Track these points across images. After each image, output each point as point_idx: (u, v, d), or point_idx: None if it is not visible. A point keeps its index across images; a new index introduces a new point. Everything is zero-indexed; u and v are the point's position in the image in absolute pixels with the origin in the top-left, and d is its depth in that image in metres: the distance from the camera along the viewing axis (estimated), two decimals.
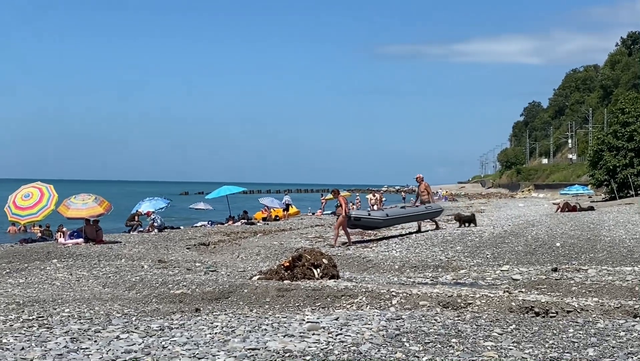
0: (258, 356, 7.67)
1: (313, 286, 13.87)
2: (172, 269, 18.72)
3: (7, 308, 12.42)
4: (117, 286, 15.97)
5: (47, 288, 15.90)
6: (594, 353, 7.80)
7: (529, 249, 21.29)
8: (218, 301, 13.01)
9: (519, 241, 23.19)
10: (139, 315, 11.03)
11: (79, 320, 10.64)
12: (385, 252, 21.83)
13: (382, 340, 8.44)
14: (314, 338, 8.64)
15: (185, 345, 8.38)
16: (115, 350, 8.18)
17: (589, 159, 68.88)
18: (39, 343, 8.73)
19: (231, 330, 9.35)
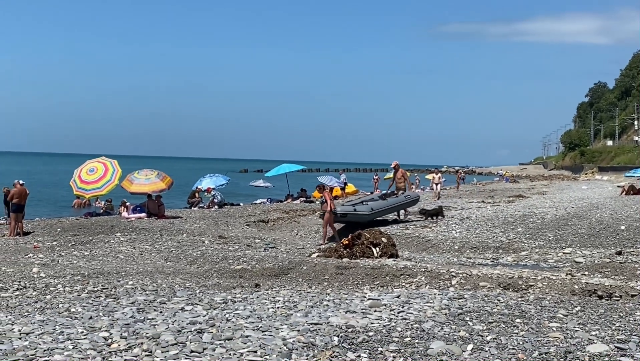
0: (321, 331, 7.73)
1: (372, 264, 13.89)
2: (232, 245, 18.95)
3: (72, 279, 12.74)
4: (179, 260, 16.23)
5: (111, 261, 16.24)
6: None
7: (593, 232, 20.92)
8: (277, 277, 13.13)
9: (582, 224, 22.80)
10: (201, 289, 11.20)
11: (144, 291, 10.86)
12: (444, 232, 21.69)
13: (444, 319, 8.43)
14: (376, 314, 8.67)
15: (248, 318, 8.49)
16: (181, 321, 8.33)
17: None
18: (107, 313, 8.95)
19: (293, 304, 9.43)
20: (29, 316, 8.91)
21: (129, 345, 7.12)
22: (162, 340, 7.30)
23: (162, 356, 6.67)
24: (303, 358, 6.63)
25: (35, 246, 19.58)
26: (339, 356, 6.70)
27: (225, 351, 6.86)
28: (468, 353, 6.85)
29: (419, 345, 7.13)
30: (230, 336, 7.47)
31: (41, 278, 12.86)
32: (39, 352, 6.86)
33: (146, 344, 7.11)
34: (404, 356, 6.72)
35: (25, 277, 13.04)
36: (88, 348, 7.02)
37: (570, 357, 6.73)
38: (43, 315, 8.92)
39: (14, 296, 11.08)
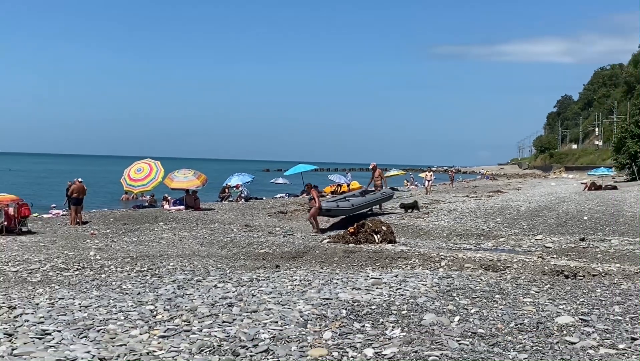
0: (331, 305, 7.73)
1: (374, 249, 13.87)
2: (256, 233, 18.94)
3: (123, 260, 12.77)
4: (212, 245, 16.24)
5: (155, 246, 16.27)
6: (620, 310, 7.62)
7: (560, 222, 20.81)
8: (294, 259, 13.11)
9: (551, 215, 22.69)
10: (231, 269, 11.21)
11: (183, 271, 10.88)
12: (435, 222, 21.63)
13: (435, 295, 8.41)
14: (378, 291, 8.65)
15: (270, 293, 8.49)
16: (214, 296, 8.34)
17: (613, 145, 66.69)
18: (152, 289, 8.97)
19: (308, 282, 9.42)
20: (87, 292, 8.94)
21: (171, 316, 7.15)
22: (199, 312, 7.32)
23: (198, 326, 6.68)
24: (316, 328, 6.62)
25: (92, 233, 19.64)
26: (347, 326, 6.69)
27: (251, 321, 6.87)
28: (455, 324, 6.83)
29: (414, 317, 7.12)
30: (255, 309, 7.47)
31: (97, 260, 12.90)
32: (96, 322, 6.89)
33: (185, 315, 7.14)
34: (402, 326, 6.71)
35: (83, 259, 13.08)
36: (137, 318, 7.05)
37: (541, 327, 6.70)
38: (99, 291, 8.95)
39: (74, 275, 11.12)
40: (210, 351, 5.76)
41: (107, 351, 5.74)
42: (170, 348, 5.87)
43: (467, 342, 6.08)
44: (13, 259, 13.31)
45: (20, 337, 6.24)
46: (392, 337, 6.25)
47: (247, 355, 5.67)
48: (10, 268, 12.21)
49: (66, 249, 15.08)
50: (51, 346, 5.91)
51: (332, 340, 6.13)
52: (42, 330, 6.51)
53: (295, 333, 6.39)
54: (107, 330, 6.54)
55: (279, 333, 6.36)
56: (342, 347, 5.89)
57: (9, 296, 8.65)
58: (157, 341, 6.08)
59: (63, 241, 17.30)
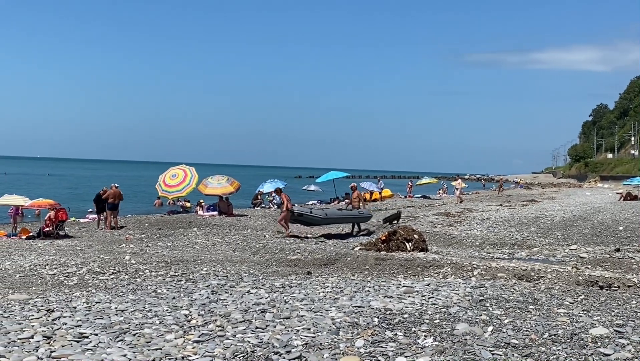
0: (363, 313, 7.71)
1: (405, 257, 13.82)
2: (288, 239, 19.01)
3: (158, 265, 12.92)
4: (244, 251, 16.33)
5: (189, 251, 16.42)
6: None
7: (595, 232, 20.52)
8: (326, 266, 13.12)
9: (586, 225, 22.39)
10: (263, 275, 11.26)
11: (217, 277, 10.96)
12: (467, 231, 21.48)
13: (468, 304, 8.34)
14: (410, 299, 8.61)
15: (303, 300, 8.50)
16: (247, 301, 8.38)
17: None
18: (186, 294, 9.05)
19: (340, 290, 9.41)
20: (123, 295, 9.06)
21: (205, 321, 7.20)
22: (232, 317, 7.36)
23: (232, 331, 6.72)
24: (348, 335, 6.62)
25: (127, 237, 19.91)
26: (379, 334, 6.68)
27: (284, 328, 6.88)
28: (488, 334, 6.77)
29: (447, 326, 7.08)
30: (288, 315, 7.50)
31: (132, 265, 13.07)
32: (132, 326, 6.98)
33: (219, 321, 7.18)
34: (434, 335, 6.67)
35: (119, 263, 13.27)
36: (172, 323, 7.12)
37: (575, 338, 6.61)
38: (135, 295, 9.06)
39: (110, 279, 11.29)
40: (244, 357, 5.79)
41: (143, 355, 5.81)
42: (205, 353, 5.92)
43: (500, 352, 6.02)
44: (50, 262, 13.57)
45: (59, 340, 6.35)
46: (424, 346, 6.22)
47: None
48: (48, 271, 12.46)
49: (102, 254, 15.32)
50: (88, 349, 6.00)
51: (365, 348, 6.12)
52: (80, 332, 6.62)
53: (328, 340, 6.39)
54: (142, 333, 6.61)
55: (311, 340, 6.37)
56: (375, 355, 5.88)
57: (47, 299, 8.82)
58: (191, 346, 6.14)
59: (99, 245, 17.58)
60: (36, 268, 12.95)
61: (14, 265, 13.43)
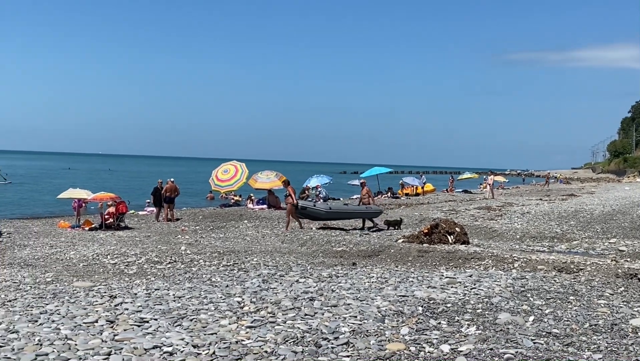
0: (408, 302, 7.69)
1: (447, 249, 13.71)
2: (333, 231, 19.02)
3: (211, 255, 13.10)
4: (292, 242, 16.41)
5: (240, 242, 16.59)
6: None
7: (634, 225, 19.97)
8: (370, 257, 13.10)
9: (625, 218, 21.81)
10: (311, 266, 11.30)
11: (267, 267, 11.06)
12: (508, 224, 21.17)
13: (510, 295, 8.24)
14: (452, 290, 8.55)
15: (349, 289, 8.52)
16: (296, 290, 8.44)
17: None
18: (239, 283, 9.16)
19: (384, 280, 9.40)
20: (180, 283, 9.21)
21: (257, 308, 7.28)
22: (282, 305, 7.42)
23: (282, 318, 6.78)
24: (394, 323, 6.61)
25: (183, 229, 20.22)
26: (423, 322, 6.65)
27: (332, 315, 6.91)
28: (530, 323, 6.68)
29: (489, 316, 7.01)
30: (335, 303, 7.52)
31: (187, 255, 13.28)
32: (189, 312, 7.10)
33: (270, 308, 7.26)
34: (477, 324, 6.61)
35: (175, 253, 13.50)
36: (226, 309, 7.22)
37: (615, 328, 6.48)
38: (191, 283, 9.21)
39: (166, 268, 11.49)
40: (294, 342, 5.84)
41: (199, 339, 5.91)
42: (257, 337, 5.99)
43: (541, 341, 5.94)
44: (112, 252, 13.88)
45: (121, 324, 6.51)
46: (467, 334, 6.18)
47: (328, 346, 5.73)
48: (109, 260, 12.75)
49: (159, 244, 15.60)
50: (149, 333, 6.14)
51: (409, 336, 6.11)
52: (141, 317, 6.77)
53: (374, 327, 6.40)
54: (199, 319, 6.73)
55: (358, 327, 6.38)
56: (419, 343, 5.86)
57: (109, 287, 9.03)
58: (245, 331, 6.22)
59: (156, 237, 17.90)
60: (98, 257, 13.27)
61: (77, 255, 13.78)
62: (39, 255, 13.94)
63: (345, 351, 5.59)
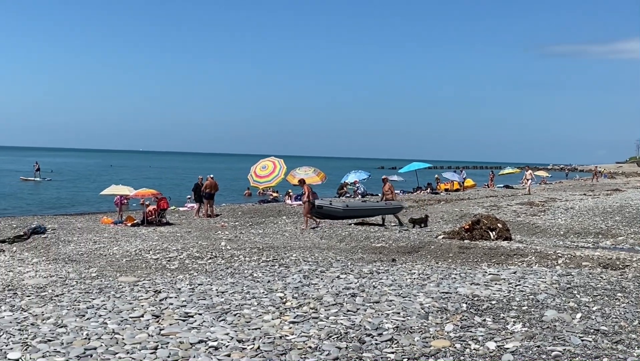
0: (451, 299, 7.64)
1: (489, 245, 13.57)
2: (372, 227, 18.96)
3: (251, 251, 13.20)
4: (331, 238, 16.40)
5: (279, 238, 16.66)
6: None
7: None
8: (410, 254, 13.04)
9: None
10: (351, 262, 11.29)
11: (307, 262, 11.08)
12: (551, 220, 20.81)
13: (555, 292, 8.11)
14: (497, 287, 8.45)
15: (391, 286, 8.49)
16: (337, 286, 8.44)
17: None
18: (280, 278, 9.20)
19: (426, 276, 9.34)
20: (222, 279, 9.30)
21: (299, 303, 7.31)
22: (325, 300, 7.44)
23: (325, 314, 6.79)
24: (438, 320, 6.57)
25: (223, 225, 20.40)
26: (468, 319, 6.60)
27: (374, 311, 6.90)
28: (577, 321, 6.57)
29: (535, 313, 6.91)
30: (377, 300, 7.51)
31: (227, 250, 13.40)
32: (232, 306, 7.17)
33: (312, 303, 7.27)
34: (523, 321, 6.53)
35: (215, 249, 13.63)
36: (268, 304, 7.27)
37: None
38: (233, 278, 9.29)
39: (207, 263, 11.62)
40: (338, 338, 5.85)
41: (244, 334, 5.96)
42: (301, 333, 6.01)
43: (589, 339, 5.84)
44: (154, 248, 14.08)
45: (166, 318, 6.60)
46: (513, 331, 6.10)
47: (372, 343, 5.72)
48: (152, 256, 12.94)
49: (200, 240, 15.76)
50: (194, 328, 6.21)
51: (454, 332, 6.07)
52: (185, 312, 6.85)
53: (417, 324, 6.37)
54: (242, 314, 6.78)
55: (401, 324, 6.36)
56: (465, 340, 5.82)
57: (153, 281, 9.17)
58: (288, 327, 6.25)
59: (197, 232, 18.08)
60: (141, 252, 13.47)
61: (120, 250, 14.01)
62: (83, 251, 14.21)
63: (389, 348, 5.58)
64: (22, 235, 17.37)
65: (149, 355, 5.32)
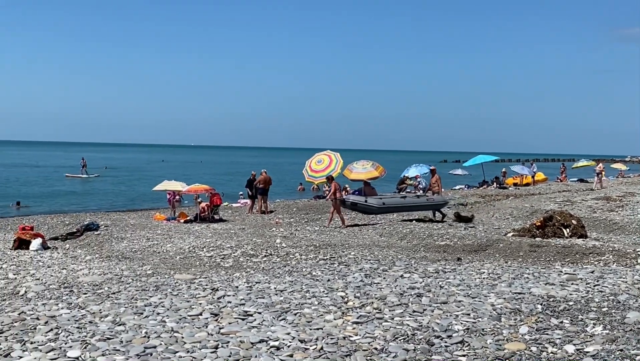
0: (525, 299, 7.51)
1: (563, 243, 13.30)
2: (435, 224, 18.81)
3: (307, 248, 13.28)
4: (391, 236, 16.35)
5: (336, 235, 16.69)
6: None
7: None
8: (476, 252, 12.88)
9: None
10: (414, 260, 11.21)
11: (368, 261, 11.07)
12: (630, 215, 20.24)
13: (638, 292, 7.87)
14: (573, 287, 8.27)
15: (459, 285, 8.40)
16: (402, 285, 8.41)
17: None
18: (340, 277, 9.22)
19: (497, 276, 9.20)
20: (280, 277, 9.37)
21: (362, 303, 7.31)
22: (388, 300, 7.42)
23: (389, 314, 6.78)
24: (511, 321, 6.48)
25: (277, 221, 20.58)
26: (544, 321, 6.48)
27: (442, 313, 6.85)
28: None
29: (616, 314, 6.74)
30: (445, 300, 7.44)
31: (283, 247, 13.52)
32: (292, 306, 7.23)
33: (376, 303, 7.27)
34: (603, 323, 6.37)
35: (270, 246, 13.77)
36: (330, 304, 7.30)
37: None
38: (291, 277, 9.36)
39: (262, 261, 11.75)
40: (405, 340, 5.83)
41: (305, 334, 6.01)
42: (365, 333, 6.02)
43: None
44: (207, 245, 14.32)
45: (225, 317, 6.71)
46: (593, 334, 5.97)
47: (441, 345, 5.69)
48: (205, 253, 13.17)
49: (254, 237, 15.94)
50: (254, 327, 6.29)
51: (529, 335, 5.97)
52: (244, 311, 6.95)
53: (490, 326, 6.29)
54: (303, 313, 6.84)
55: (472, 325, 6.29)
56: (541, 342, 5.72)
57: (210, 279, 9.32)
58: (351, 327, 6.27)
59: (251, 229, 18.30)
60: (194, 250, 13.72)
61: (174, 247, 14.29)
62: (136, 248, 14.56)
63: (460, 350, 5.54)
64: (74, 232, 17.94)
65: (210, 354, 5.42)
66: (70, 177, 52.91)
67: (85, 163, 55.77)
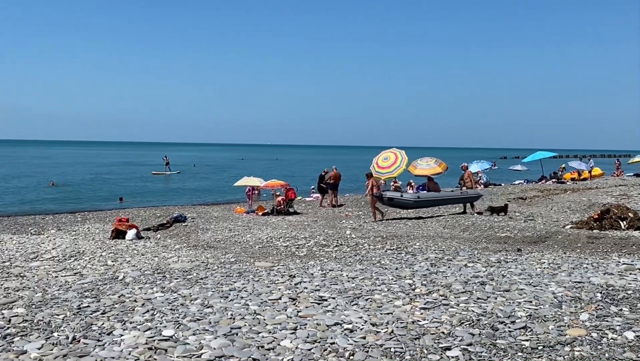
0: (584, 288, 7.29)
1: (619, 235, 12.82)
2: (496, 217, 18.43)
3: (375, 239, 13.24)
4: (454, 228, 16.14)
5: (402, 227, 16.59)
6: None
7: None
8: (536, 244, 12.57)
9: None
10: (475, 251, 11.04)
11: (434, 251, 10.97)
12: None
13: None
14: (632, 276, 7.98)
15: (520, 275, 8.24)
16: (466, 274, 8.31)
17: None
18: (407, 266, 9.18)
19: (557, 266, 8.97)
20: (351, 265, 9.41)
21: (429, 290, 7.26)
22: (454, 288, 7.34)
23: (455, 301, 6.71)
24: (572, 309, 6.31)
25: (347, 214, 20.62)
26: (603, 309, 6.28)
27: (505, 300, 6.73)
28: None
29: None
30: (507, 288, 7.31)
31: (352, 238, 13.53)
32: (363, 292, 7.24)
33: (442, 290, 7.21)
34: None
35: (341, 237, 13.81)
36: (398, 290, 7.28)
37: None
38: (362, 265, 9.37)
39: (333, 250, 11.79)
40: (470, 325, 5.76)
41: (376, 318, 6.02)
42: (433, 318, 5.98)
43: None
44: (283, 235, 14.47)
45: (302, 301, 6.78)
46: None
47: (505, 330, 5.59)
48: (282, 243, 13.32)
49: (326, 228, 16.02)
50: (329, 311, 6.34)
51: (590, 322, 5.80)
52: (320, 296, 7.00)
53: (551, 313, 6.14)
54: (373, 299, 6.84)
55: (534, 312, 6.16)
56: (601, 329, 5.55)
57: (287, 267, 9.43)
58: (419, 312, 6.23)
59: (323, 221, 18.39)
60: (271, 240, 13.89)
61: (253, 238, 14.51)
62: (220, 238, 14.85)
63: (523, 335, 5.43)
64: (165, 223, 18.43)
65: (290, 335, 5.50)
66: (155, 174, 54.18)
67: (168, 161, 56.77)
